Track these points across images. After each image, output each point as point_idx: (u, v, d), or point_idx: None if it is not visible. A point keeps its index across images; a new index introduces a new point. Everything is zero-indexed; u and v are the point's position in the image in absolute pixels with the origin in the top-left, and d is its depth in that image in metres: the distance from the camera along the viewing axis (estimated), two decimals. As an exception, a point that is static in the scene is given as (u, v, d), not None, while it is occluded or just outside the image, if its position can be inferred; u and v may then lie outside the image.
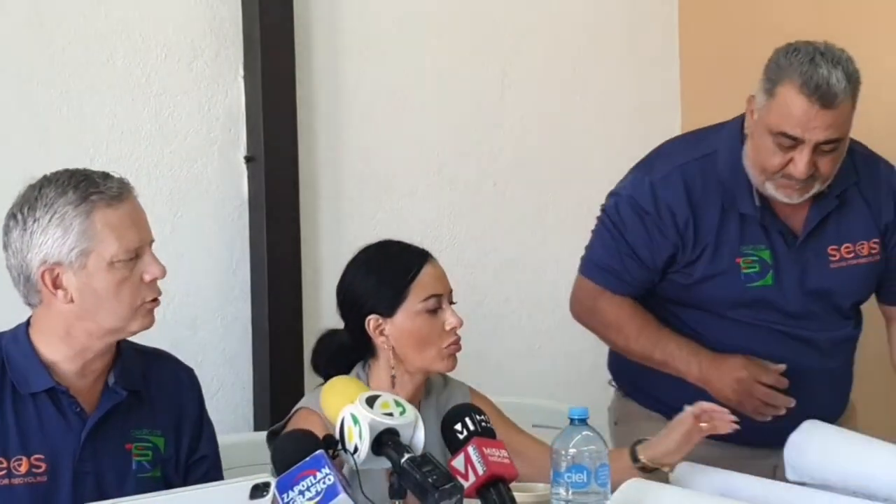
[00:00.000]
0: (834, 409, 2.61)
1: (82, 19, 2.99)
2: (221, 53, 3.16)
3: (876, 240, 2.58)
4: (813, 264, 2.56)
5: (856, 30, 3.12)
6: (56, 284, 2.04)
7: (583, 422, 2.02)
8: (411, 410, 1.88)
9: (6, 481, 2.04)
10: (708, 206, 2.54)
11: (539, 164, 3.60)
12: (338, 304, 2.47)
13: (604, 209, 2.66)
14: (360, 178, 3.35)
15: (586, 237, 2.75)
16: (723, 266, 2.55)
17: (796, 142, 2.39)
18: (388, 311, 2.37)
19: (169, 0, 3.11)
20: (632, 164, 2.69)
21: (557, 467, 2.00)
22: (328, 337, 2.52)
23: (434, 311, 2.38)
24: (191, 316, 3.09)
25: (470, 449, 1.93)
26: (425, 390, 2.46)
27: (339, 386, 1.99)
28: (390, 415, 1.84)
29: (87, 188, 2.05)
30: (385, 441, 1.82)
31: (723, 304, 2.57)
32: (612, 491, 2.03)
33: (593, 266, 2.65)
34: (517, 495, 1.95)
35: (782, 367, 2.47)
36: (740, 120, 2.57)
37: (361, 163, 3.35)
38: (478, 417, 1.99)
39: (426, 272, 2.40)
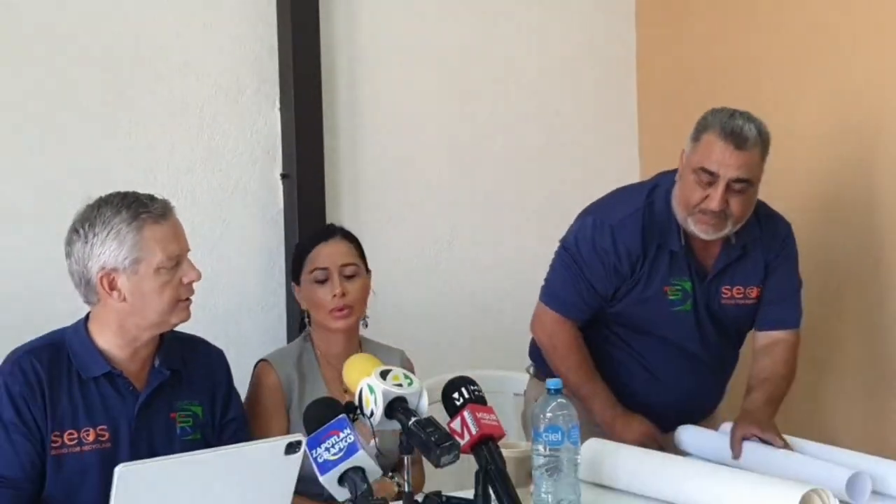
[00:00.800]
0: (709, 405, 2.74)
1: (148, 62, 3.00)
2: (261, 90, 3.17)
3: (757, 287, 2.61)
4: (713, 298, 2.60)
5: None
6: (112, 286, 2.06)
7: (557, 391, 2.01)
8: (417, 382, 1.88)
9: (77, 448, 2.07)
10: (651, 245, 2.56)
11: (521, 176, 3.59)
12: None
13: (564, 248, 2.65)
14: (375, 190, 3.35)
15: (559, 226, 2.73)
16: (652, 293, 2.57)
17: (713, 177, 2.42)
18: (296, 279, 2.51)
19: (218, 45, 3.11)
20: (589, 183, 2.75)
21: (537, 428, 2.00)
22: None
23: (320, 282, 2.46)
24: (236, 305, 3.09)
25: (465, 413, 1.93)
26: (358, 342, 2.52)
27: (358, 362, 1.98)
28: (400, 385, 1.85)
29: (138, 208, 2.07)
30: (396, 407, 1.83)
31: (649, 324, 2.60)
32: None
33: (554, 296, 2.64)
34: (504, 451, 1.94)
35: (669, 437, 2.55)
36: (673, 173, 2.60)
37: (377, 178, 3.35)
38: (472, 388, 1.99)
39: (317, 250, 2.48)
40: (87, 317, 2.15)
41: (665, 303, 2.57)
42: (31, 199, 2.85)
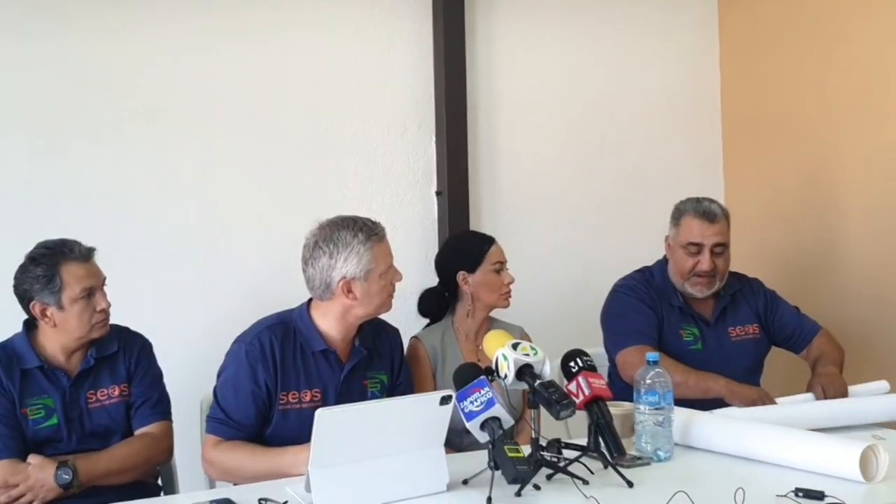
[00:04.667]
0: None
1: (339, 110, 3.10)
2: (422, 127, 3.22)
3: (756, 325, 2.65)
4: (723, 339, 2.59)
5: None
6: (349, 290, 2.09)
7: (655, 363, 1.98)
8: (541, 352, 1.87)
9: (297, 406, 2.10)
10: (659, 301, 2.59)
11: (624, 193, 3.55)
12: (437, 268, 2.56)
13: (616, 300, 2.62)
14: (509, 204, 3.36)
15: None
16: (673, 335, 2.57)
17: (699, 247, 2.54)
18: (471, 269, 2.46)
19: (389, 96, 3.17)
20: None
21: (638, 391, 1.97)
22: (427, 292, 2.61)
23: (498, 272, 2.47)
24: (402, 290, 2.92)
25: (580, 378, 1.94)
26: (490, 322, 2.50)
27: (495, 336, 1.99)
28: (528, 355, 1.85)
29: (369, 232, 2.11)
30: (524, 372, 1.84)
31: (675, 358, 2.50)
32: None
33: (628, 334, 2.52)
34: (612, 409, 1.94)
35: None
36: (662, 259, 2.67)
37: (510, 194, 3.36)
38: (585, 358, 1.98)
39: (494, 248, 2.49)
40: (309, 304, 2.16)
41: (682, 342, 2.58)
42: (260, 209, 2.99)
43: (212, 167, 2.94)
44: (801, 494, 1.69)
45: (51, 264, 2.08)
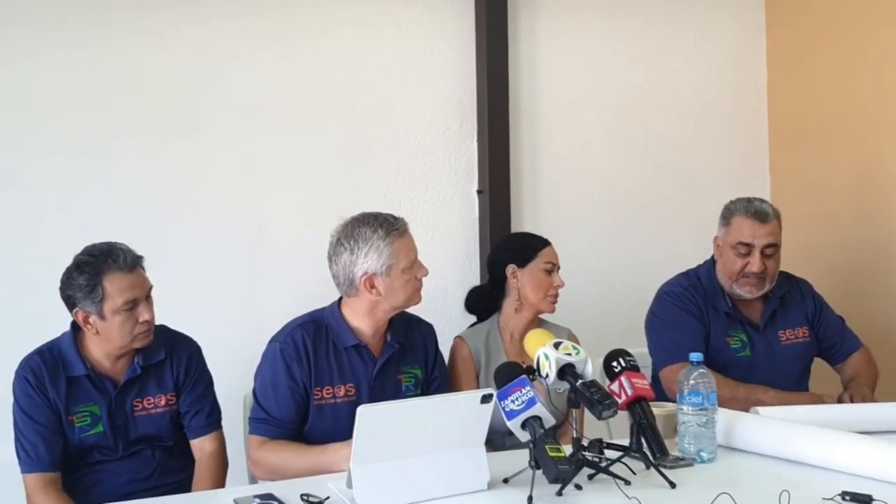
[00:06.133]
0: None
1: (378, 108, 3.11)
2: (463, 126, 3.21)
3: (805, 328, 2.60)
4: (773, 343, 2.53)
5: None
6: (372, 286, 2.11)
7: (699, 363, 1.95)
8: (584, 352, 1.86)
9: (332, 401, 2.13)
10: (707, 306, 2.55)
11: (667, 192, 3.52)
12: (489, 263, 2.55)
13: (656, 316, 2.57)
14: (550, 202, 3.34)
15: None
16: (720, 343, 2.52)
17: (749, 248, 2.50)
18: (522, 264, 2.45)
19: (431, 95, 3.17)
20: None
21: (682, 392, 1.95)
22: (476, 289, 2.62)
23: (549, 273, 2.45)
24: (443, 288, 3.12)
25: (622, 378, 1.92)
26: (538, 323, 2.47)
27: (536, 335, 1.98)
28: (569, 354, 1.84)
29: (389, 228, 2.12)
30: (566, 371, 1.83)
31: (724, 371, 2.45)
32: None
33: (673, 352, 2.45)
34: (655, 410, 1.92)
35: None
36: (710, 260, 2.62)
37: (551, 193, 3.34)
38: (628, 358, 1.96)
39: (549, 249, 2.48)
40: (340, 301, 2.18)
41: (730, 350, 2.53)
42: (302, 210, 3.02)
43: (254, 169, 2.98)
44: (847, 498, 1.66)
45: (94, 273, 2.02)
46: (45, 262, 2.27)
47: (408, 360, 2.23)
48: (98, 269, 2.03)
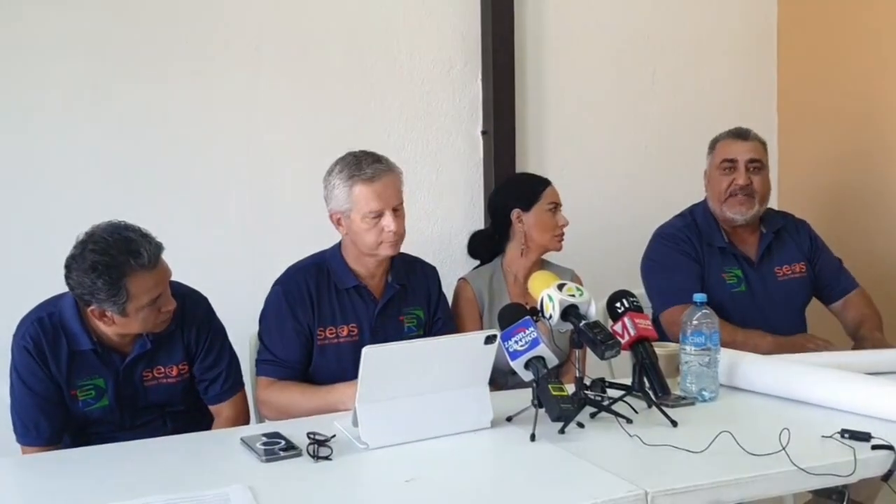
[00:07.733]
0: None
1: (383, 46, 3.06)
2: (468, 64, 3.16)
3: (802, 263, 2.60)
4: (769, 279, 2.53)
5: None
6: (339, 223, 2.14)
7: (702, 304, 1.96)
8: (587, 293, 1.86)
9: (335, 341, 2.16)
10: (703, 244, 2.55)
11: (674, 132, 3.48)
12: (490, 208, 2.54)
13: (652, 259, 2.57)
14: (555, 144, 3.31)
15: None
16: (715, 280, 2.52)
17: (733, 163, 2.54)
18: (526, 207, 2.44)
19: (435, 32, 3.11)
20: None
21: (685, 332, 1.96)
22: (478, 233, 2.61)
23: (553, 212, 2.44)
24: (447, 231, 3.13)
25: (625, 319, 1.92)
26: (542, 265, 2.48)
27: (540, 277, 1.99)
28: (573, 296, 1.84)
29: (353, 170, 2.09)
30: (570, 312, 1.83)
31: (720, 309, 2.39)
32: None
33: (673, 294, 2.46)
34: (657, 350, 1.93)
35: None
36: (704, 200, 2.64)
37: (557, 134, 3.31)
38: (631, 299, 1.96)
39: (550, 189, 2.46)
40: (341, 243, 2.21)
41: (725, 286, 2.53)
42: (304, 148, 2.97)
43: (257, 108, 2.94)
44: (847, 436, 1.68)
45: (115, 277, 1.82)
46: (48, 209, 2.27)
47: (410, 302, 2.24)
48: (121, 273, 1.83)
